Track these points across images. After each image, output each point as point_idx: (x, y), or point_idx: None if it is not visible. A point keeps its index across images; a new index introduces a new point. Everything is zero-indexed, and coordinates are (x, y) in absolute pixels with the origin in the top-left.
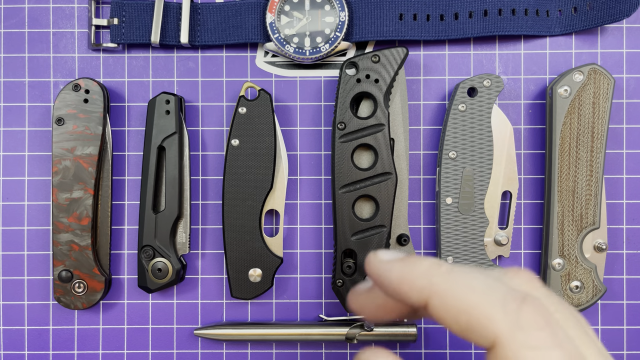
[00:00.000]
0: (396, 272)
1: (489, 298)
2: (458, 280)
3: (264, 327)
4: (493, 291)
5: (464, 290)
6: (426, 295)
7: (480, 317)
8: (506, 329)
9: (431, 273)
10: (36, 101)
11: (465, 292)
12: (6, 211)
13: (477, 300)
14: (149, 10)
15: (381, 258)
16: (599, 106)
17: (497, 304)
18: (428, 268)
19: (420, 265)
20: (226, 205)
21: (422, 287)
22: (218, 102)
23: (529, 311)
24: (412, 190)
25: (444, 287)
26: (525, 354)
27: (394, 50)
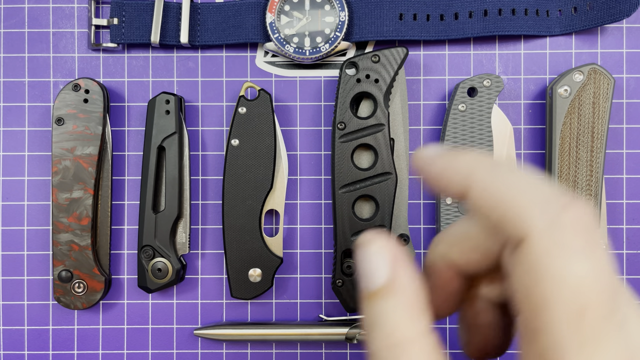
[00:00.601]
0: (439, 164)
1: (530, 195)
2: (501, 174)
3: (264, 327)
4: (536, 190)
5: (504, 184)
6: (466, 185)
7: (516, 209)
8: (540, 226)
9: (473, 165)
10: (36, 101)
11: (506, 185)
12: (6, 211)
13: (516, 194)
14: (148, 10)
15: (425, 154)
16: (599, 106)
17: (537, 201)
18: (471, 160)
19: (462, 157)
20: (226, 205)
21: (463, 177)
22: (218, 102)
23: (570, 216)
24: (412, 190)
25: (484, 178)
26: (554, 252)
27: (394, 50)
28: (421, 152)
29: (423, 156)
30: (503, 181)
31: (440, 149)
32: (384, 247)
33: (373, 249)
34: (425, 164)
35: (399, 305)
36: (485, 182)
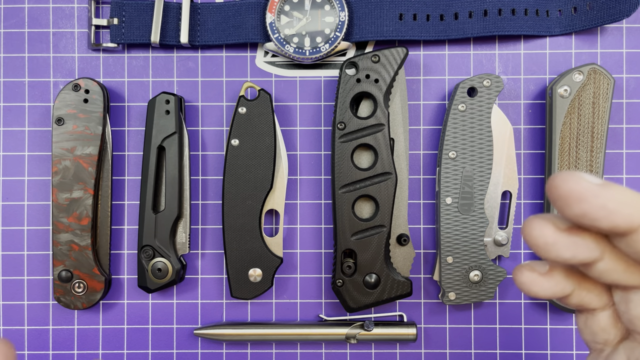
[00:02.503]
0: (604, 197)
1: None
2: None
3: (264, 327)
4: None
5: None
6: (630, 227)
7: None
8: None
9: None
10: (36, 101)
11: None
12: (6, 211)
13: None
14: (148, 10)
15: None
16: (598, 106)
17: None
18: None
19: (624, 194)
20: (226, 205)
21: (626, 219)
22: (218, 102)
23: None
24: (412, 190)
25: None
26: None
27: (394, 50)
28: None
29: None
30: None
31: (596, 179)
32: None
33: None
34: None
35: None
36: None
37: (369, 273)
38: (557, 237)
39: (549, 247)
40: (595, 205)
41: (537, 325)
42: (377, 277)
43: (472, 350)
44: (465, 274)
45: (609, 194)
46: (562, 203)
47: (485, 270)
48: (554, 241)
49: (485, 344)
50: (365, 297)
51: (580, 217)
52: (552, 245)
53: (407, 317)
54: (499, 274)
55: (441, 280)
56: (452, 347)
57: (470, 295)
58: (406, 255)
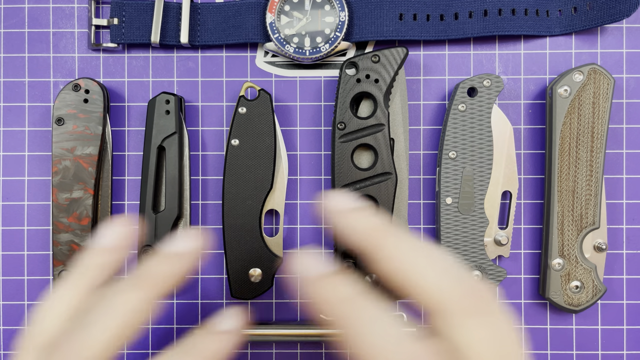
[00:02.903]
0: (347, 221)
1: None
2: (407, 251)
3: (264, 327)
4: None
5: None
6: (369, 249)
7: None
8: (443, 307)
9: (381, 232)
10: (36, 101)
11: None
12: (6, 211)
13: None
14: (149, 10)
15: (339, 205)
16: (599, 106)
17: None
18: (378, 228)
19: (369, 221)
20: (226, 205)
21: (367, 242)
22: (218, 102)
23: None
24: (412, 190)
25: (390, 250)
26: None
27: (394, 50)
28: (334, 201)
29: (334, 205)
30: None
31: (350, 202)
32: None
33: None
34: (336, 213)
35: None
36: (394, 251)
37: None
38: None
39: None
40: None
41: (537, 325)
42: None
43: None
44: None
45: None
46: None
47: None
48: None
49: None
50: None
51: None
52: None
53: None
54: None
55: None
56: None
57: None
58: None
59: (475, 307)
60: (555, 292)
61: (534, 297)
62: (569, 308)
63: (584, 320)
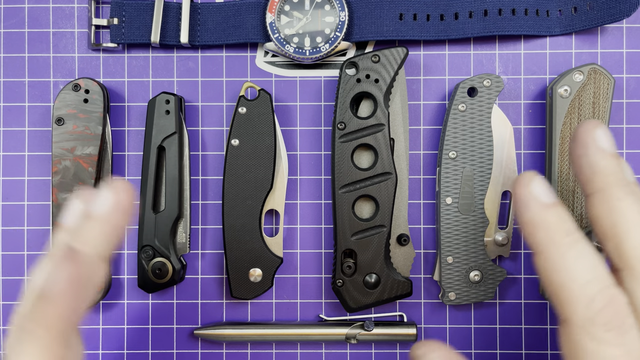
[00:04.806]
0: (530, 212)
1: (581, 289)
2: (568, 259)
3: (264, 327)
4: (589, 285)
5: (565, 271)
6: (538, 250)
7: (565, 299)
8: (581, 320)
9: (553, 235)
10: (36, 101)
11: (566, 273)
12: (6, 211)
13: (570, 286)
14: (149, 10)
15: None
16: (599, 106)
17: (585, 297)
18: (555, 231)
19: (550, 223)
20: (226, 205)
21: (538, 242)
22: (218, 102)
23: (606, 315)
24: (412, 190)
25: (553, 256)
26: (587, 343)
27: (394, 50)
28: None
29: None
30: (564, 267)
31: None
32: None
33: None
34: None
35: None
36: (550, 261)
37: (369, 273)
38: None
39: None
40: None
41: (537, 325)
42: (377, 277)
43: (472, 350)
44: (465, 274)
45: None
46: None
47: (485, 270)
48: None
49: (485, 344)
50: (365, 297)
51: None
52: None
53: (407, 317)
54: (499, 274)
55: (441, 280)
56: (452, 347)
57: (470, 295)
58: (406, 255)
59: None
60: None
61: (534, 297)
62: None
63: None
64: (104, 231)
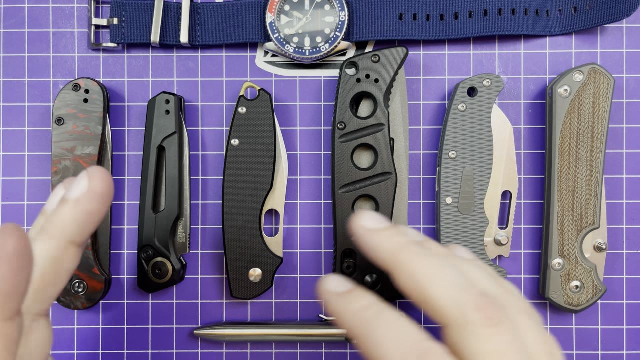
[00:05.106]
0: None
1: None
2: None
3: (264, 327)
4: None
5: (375, 342)
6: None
7: (437, 305)
8: (457, 323)
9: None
10: (36, 101)
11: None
12: (6, 211)
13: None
14: (149, 10)
15: (364, 224)
16: (599, 106)
17: (453, 300)
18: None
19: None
20: (226, 205)
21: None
22: (218, 102)
23: (480, 315)
24: (412, 190)
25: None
26: (471, 341)
27: (394, 50)
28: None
29: (361, 227)
30: (425, 271)
31: (376, 221)
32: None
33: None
34: (362, 235)
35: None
36: (410, 268)
37: (369, 273)
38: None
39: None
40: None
41: None
42: (377, 277)
43: None
44: None
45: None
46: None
47: None
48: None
49: None
50: None
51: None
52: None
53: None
54: (499, 274)
55: None
56: None
57: None
58: None
59: (489, 317)
60: (556, 292)
61: (534, 297)
62: (569, 308)
63: (584, 320)
64: (76, 216)
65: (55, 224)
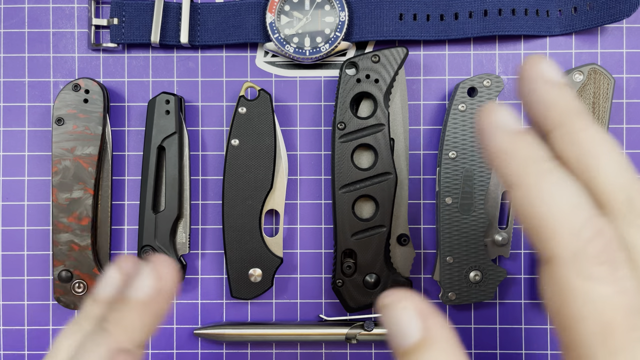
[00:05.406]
0: (499, 141)
1: (567, 218)
2: (548, 186)
3: (264, 327)
4: (574, 213)
5: (547, 199)
6: (513, 181)
7: (549, 232)
8: (569, 254)
9: (527, 165)
10: (36, 101)
11: (548, 201)
12: (6, 211)
13: (553, 215)
14: (149, 10)
15: (497, 115)
16: (599, 106)
17: (572, 227)
18: (526, 160)
19: (523, 150)
20: (226, 205)
21: (513, 173)
22: (218, 102)
23: (594, 248)
24: (412, 190)
25: (531, 186)
26: (576, 281)
27: (394, 50)
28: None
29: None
30: (546, 195)
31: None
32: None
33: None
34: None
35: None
36: (529, 190)
37: (369, 273)
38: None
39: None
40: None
41: (537, 325)
42: (377, 277)
43: (472, 350)
44: (465, 274)
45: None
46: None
47: (485, 270)
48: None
49: (485, 344)
50: (365, 297)
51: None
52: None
53: None
54: (499, 274)
55: (441, 280)
56: None
57: (470, 295)
58: (406, 255)
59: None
60: None
61: (534, 297)
62: None
63: None
64: (144, 320)
65: (121, 326)
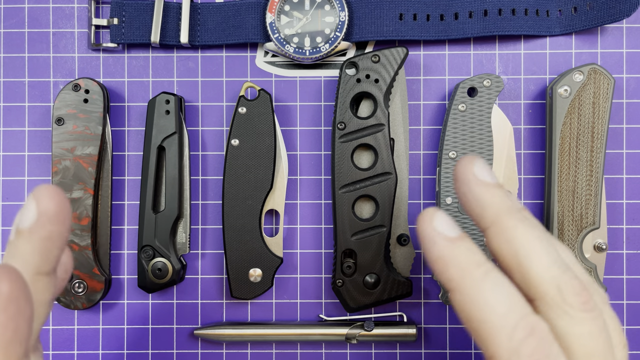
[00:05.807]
0: (437, 249)
1: (501, 321)
2: (483, 291)
3: (264, 327)
4: (508, 315)
5: (482, 304)
6: (452, 287)
7: (486, 334)
8: (505, 354)
9: (463, 271)
10: (36, 101)
11: (483, 306)
12: (6, 211)
13: (489, 319)
14: (149, 10)
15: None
16: (599, 106)
17: (506, 329)
18: (462, 266)
19: (460, 257)
20: (226, 205)
21: (451, 279)
22: (218, 102)
23: (530, 345)
24: (412, 190)
25: (468, 290)
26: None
27: (394, 50)
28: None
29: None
30: (481, 300)
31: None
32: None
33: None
34: (430, 237)
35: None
36: (466, 295)
37: (369, 273)
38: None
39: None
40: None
41: None
42: (377, 277)
43: (472, 350)
44: None
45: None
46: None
47: None
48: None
49: None
50: (365, 297)
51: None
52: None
53: (407, 317)
54: None
55: None
56: (452, 347)
57: None
58: (406, 255)
59: (585, 302)
60: None
61: None
62: None
63: None
64: (34, 246)
65: (16, 259)
